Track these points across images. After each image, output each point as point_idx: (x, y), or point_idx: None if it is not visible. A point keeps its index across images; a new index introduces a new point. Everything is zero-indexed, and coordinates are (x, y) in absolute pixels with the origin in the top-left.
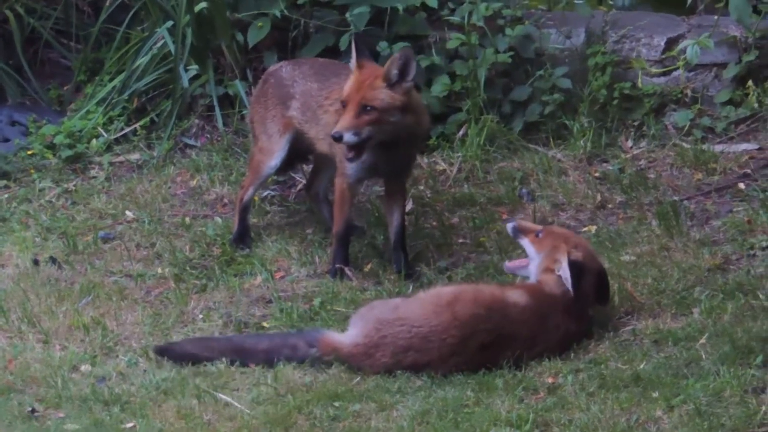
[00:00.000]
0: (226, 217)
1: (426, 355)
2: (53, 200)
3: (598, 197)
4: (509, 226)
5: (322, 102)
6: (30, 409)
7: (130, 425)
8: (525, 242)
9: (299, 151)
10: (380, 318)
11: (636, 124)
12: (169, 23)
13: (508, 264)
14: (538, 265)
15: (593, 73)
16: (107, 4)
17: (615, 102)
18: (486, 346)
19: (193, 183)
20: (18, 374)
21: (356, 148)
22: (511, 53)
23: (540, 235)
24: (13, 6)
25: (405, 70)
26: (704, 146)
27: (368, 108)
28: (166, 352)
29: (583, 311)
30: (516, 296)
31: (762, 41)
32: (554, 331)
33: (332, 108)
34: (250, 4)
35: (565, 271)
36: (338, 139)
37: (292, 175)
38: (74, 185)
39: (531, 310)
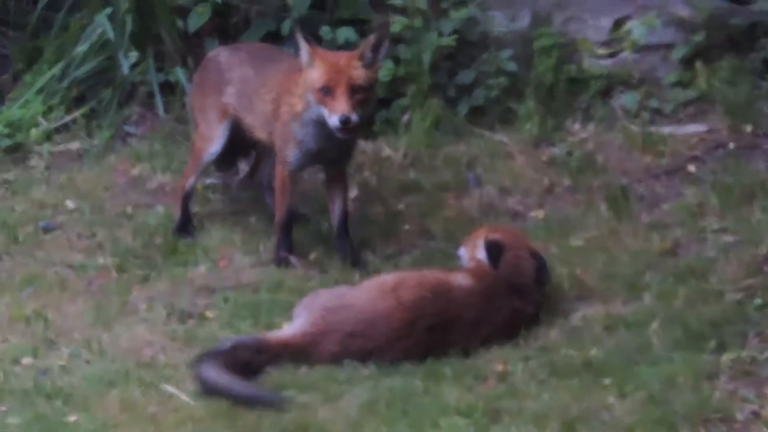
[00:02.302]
0: (169, 206)
1: (373, 340)
2: None
3: (546, 181)
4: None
5: (257, 89)
6: None
7: (72, 418)
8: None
9: (241, 140)
10: (326, 305)
11: (583, 106)
12: (109, 10)
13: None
14: (468, 259)
15: (539, 56)
16: None
17: (561, 85)
18: (432, 329)
19: (135, 172)
20: None
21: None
22: (456, 36)
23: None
24: None
25: (378, 50)
26: (653, 128)
27: (356, 87)
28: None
29: (521, 287)
30: (460, 279)
31: (710, 21)
32: (499, 312)
33: (268, 96)
34: None
35: (481, 252)
36: (347, 122)
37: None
38: (14, 175)
39: (476, 292)
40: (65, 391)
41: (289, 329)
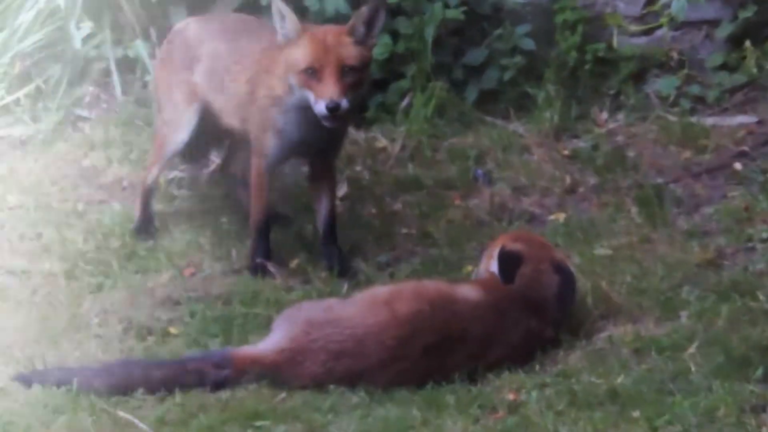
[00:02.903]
0: (127, 203)
1: (362, 360)
2: None
3: (568, 179)
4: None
5: (230, 67)
6: None
7: None
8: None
9: (212, 127)
10: (310, 319)
11: (612, 92)
12: None
13: None
14: (482, 269)
15: (561, 33)
16: None
17: (587, 66)
18: (432, 348)
19: (87, 162)
20: None
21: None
22: (464, 8)
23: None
24: None
25: (372, 24)
26: (693, 119)
27: (347, 68)
28: (30, 381)
29: (540, 305)
30: (466, 291)
31: None
32: (512, 331)
33: (243, 76)
34: None
35: (494, 265)
36: (335, 108)
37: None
38: None
39: (484, 307)
40: (4, 417)
41: (264, 343)
